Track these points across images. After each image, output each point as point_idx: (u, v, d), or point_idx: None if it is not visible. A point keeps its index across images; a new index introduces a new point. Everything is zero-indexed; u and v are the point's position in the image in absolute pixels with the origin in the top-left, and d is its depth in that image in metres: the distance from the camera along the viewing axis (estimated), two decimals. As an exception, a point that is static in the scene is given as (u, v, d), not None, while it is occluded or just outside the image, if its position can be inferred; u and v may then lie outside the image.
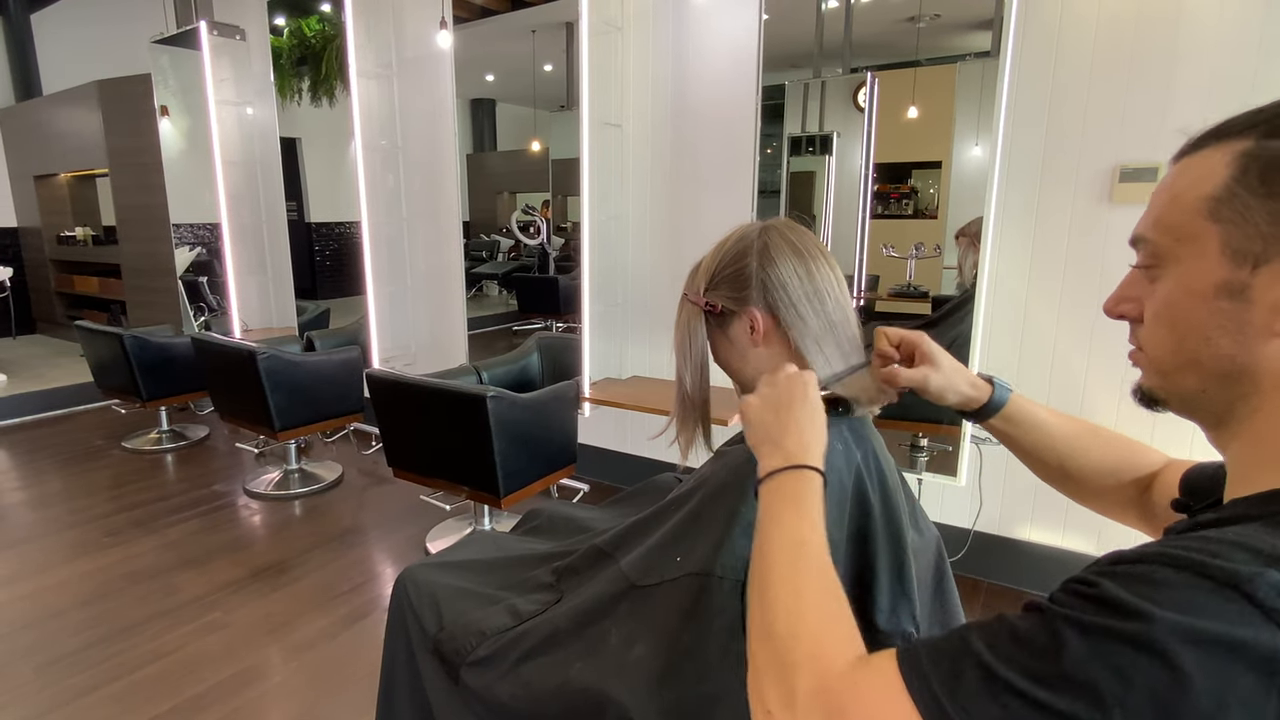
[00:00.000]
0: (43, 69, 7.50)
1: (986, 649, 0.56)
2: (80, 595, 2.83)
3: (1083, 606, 0.53)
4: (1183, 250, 0.63)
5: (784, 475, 0.82)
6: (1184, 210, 0.63)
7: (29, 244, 7.73)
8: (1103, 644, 0.50)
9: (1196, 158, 0.64)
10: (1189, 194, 0.63)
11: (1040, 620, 0.55)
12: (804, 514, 0.78)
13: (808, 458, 0.83)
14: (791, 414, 0.88)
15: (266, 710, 2.21)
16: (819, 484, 0.82)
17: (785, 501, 0.80)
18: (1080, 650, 0.51)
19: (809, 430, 0.87)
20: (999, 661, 0.54)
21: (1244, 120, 0.62)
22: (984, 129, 2.53)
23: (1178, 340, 0.64)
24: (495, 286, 4.87)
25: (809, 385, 0.91)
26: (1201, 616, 0.49)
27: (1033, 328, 2.65)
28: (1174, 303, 0.64)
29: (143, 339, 4.29)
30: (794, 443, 0.85)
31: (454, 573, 1.40)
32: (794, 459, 0.83)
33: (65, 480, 4.09)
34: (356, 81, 3.96)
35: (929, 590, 1.18)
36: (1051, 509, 2.74)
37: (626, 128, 3.38)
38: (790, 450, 0.84)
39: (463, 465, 2.79)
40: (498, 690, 1.15)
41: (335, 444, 4.67)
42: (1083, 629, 0.52)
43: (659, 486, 1.63)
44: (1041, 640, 0.53)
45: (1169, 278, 0.65)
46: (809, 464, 0.83)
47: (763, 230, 1.10)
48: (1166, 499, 0.91)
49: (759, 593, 0.74)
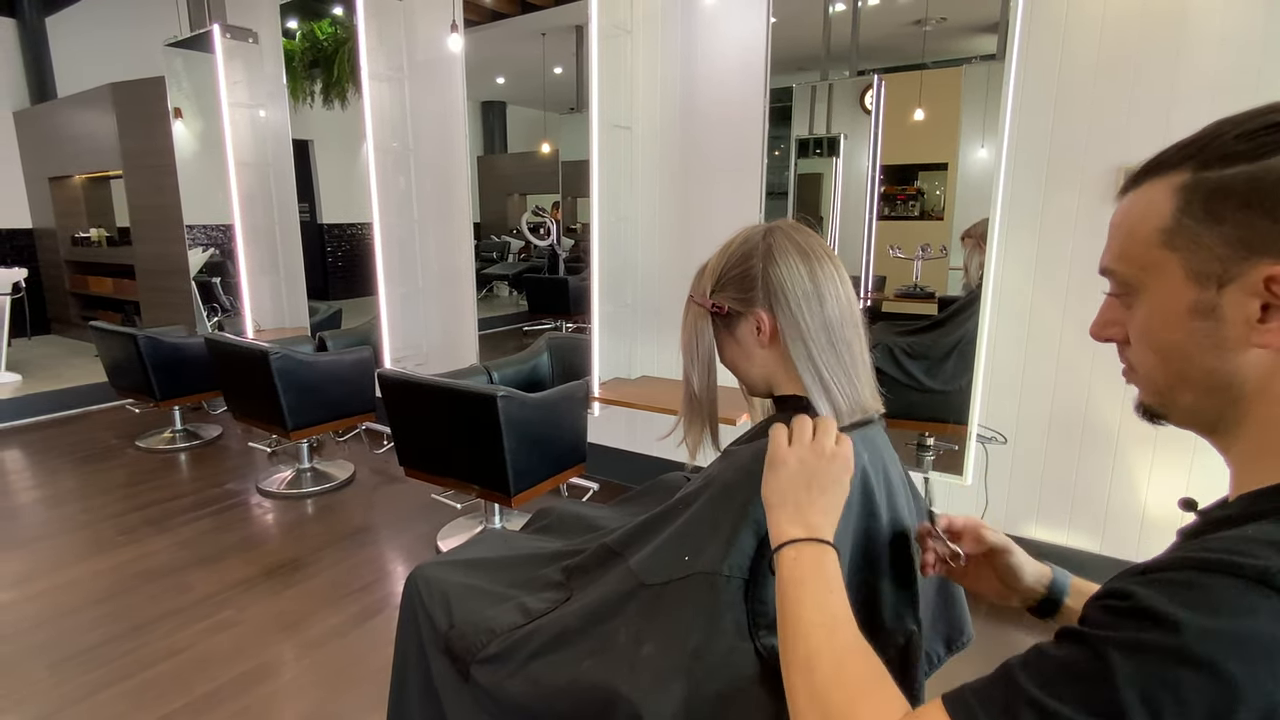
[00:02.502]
0: (57, 72, 7.56)
1: (1036, 687, 0.56)
2: (94, 593, 2.86)
3: (1120, 624, 0.54)
4: (1149, 279, 0.66)
5: (807, 546, 0.86)
6: (1141, 243, 0.66)
7: (44, 245, 7.79)
8: (1148, 662, 0.51)
9: (1140, 192, 0.67)
10: (1141, 227, 0.66)
11: (1081, 647, 0.55)
12: (833, 588, 0.82)
13: (827, 534, 0.87)
14: (826, 495, 0.90)
15: (278, 707, 2.23)
16: (835, 558, 0.85)
17: (814, 574, 0.83)
18: (1128, 671, 0.51)
19: (834, 512, 0.90)
20: (1050, 698, 0.54)
21: (1176, 154, 0.65)
22: (990, 131, 2.54)
23: (1163, 361, 0.67)
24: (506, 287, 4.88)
25: (849, 470, 0.93)
26: (1238, 617, 0.49)
27: (1038, 328, 2.65)
28: (1152, 328, 0.67)
29: (156, 339, 4.32)
30: (819, 519, 0.88)
31: (465, 571, 1.41)
32: (816, 533, 0.86)
33: (79, 479, 4.13)
34: (368, 84, 3.98)
35: (933, 588, 1.19)
36: (1056, 508, 2.75)
37: (636, 130, 3.40)
38: (814, 524, 0.87)
39: (473, 464, 2.80)
40: (508, 687, 1.16)
41: (347, 443, 4.69)
42: (1126, 649, 0.52)
43: (667, 485, 1.63)
44: (1088, 668, 0.54)
45: (1143, 305, 0.68)
46: (828, 540, 0.86)
47: (768, 232, 1.10)
48: None
49: (803, 667, 0.76)
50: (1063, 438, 2.67)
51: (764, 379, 1.14)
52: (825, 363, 1.06)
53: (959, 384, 2.69)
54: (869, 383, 1.12)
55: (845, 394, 1.07)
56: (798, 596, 0.81)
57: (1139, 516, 2.60)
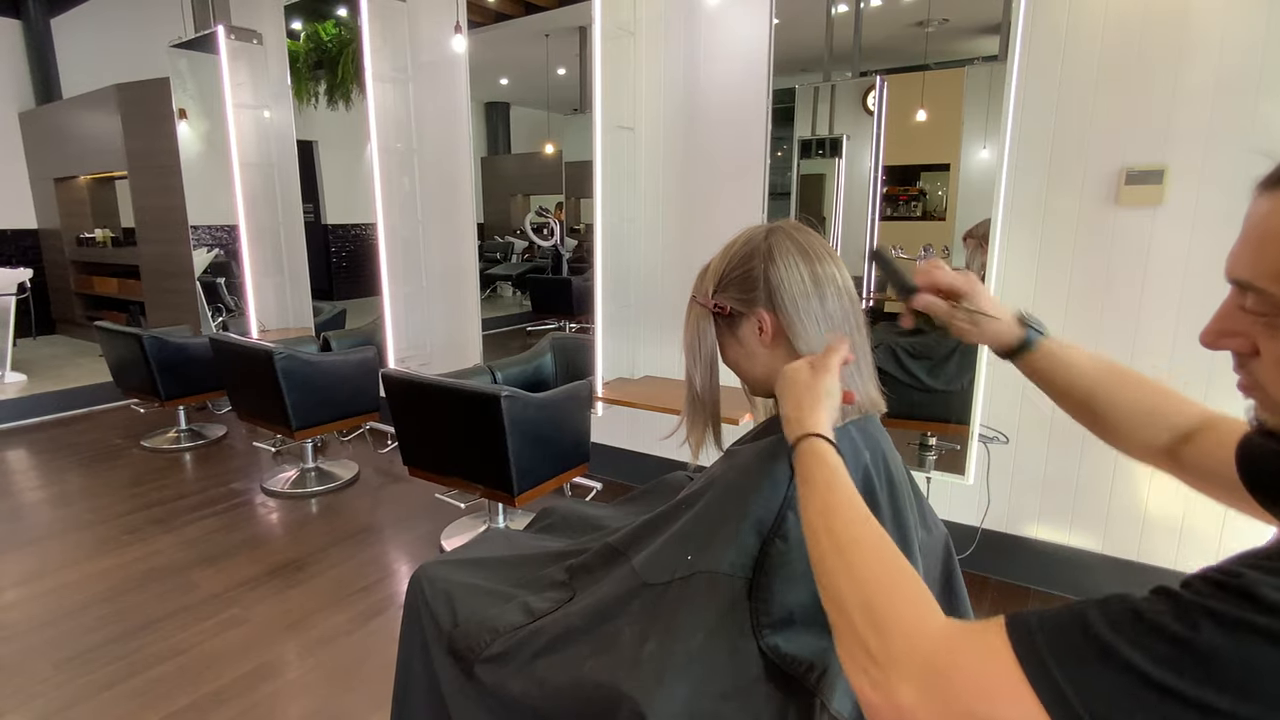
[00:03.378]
0: (62, 73, 7.57)
1: (1107, 627, 0.54)
2: (99, 592, 2.87)
3: (1223, 598, 0.52)
4: None
5: (815, 442, 0.90)
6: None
7: (49, 245, 7.81)
8: (1243, 638, 0.49)
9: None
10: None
11: (1173, 606, 0.54)
12: (845, 479, 0.85)
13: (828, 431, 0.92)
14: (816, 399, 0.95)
15: (283, 705, 2.24)
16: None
17: (825, 467, 0.86)
18: (1216, 641, 0.50)
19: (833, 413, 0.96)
20: (1120, 640, 0.53)
21: None
22: (992, 132, 2.55)
23: None
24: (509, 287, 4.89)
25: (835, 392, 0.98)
26: None
27: (1041, 329, 2.65)
28: None
29: (161, 339, 4.34)
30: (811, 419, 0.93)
31: (468, 570, 1.42)
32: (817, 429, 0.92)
33: (85, 479, 4.14)
34: (372, 85, 3.99)
35: (937, 587, 1.20)
36: (1058, 508, 2.75)
37: (639, 131, 3.40)
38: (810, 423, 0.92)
39: (477, 464, 2.81)
40: (511, 686, 1.17)
41: (351, 443, 4.71)
42: (1222, 621, 0.51)
43: (670, 485, 1.63)
44: (1173, 627, 0.52)
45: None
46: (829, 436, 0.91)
47: (769, 232, 1.11)
48: (1209, 460, 0.91)
49: (837, 557, 0.75)
50: (1064, 438, 2.67)
51: (766, 379, 1.15)
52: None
53: (961, 384, 2.69)
54: (871, 382, 1.12)
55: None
56: (829, 482, 0.84)
57: (1140, 516, 2.60)
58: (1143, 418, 1.01)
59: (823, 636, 0.98)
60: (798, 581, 1.00)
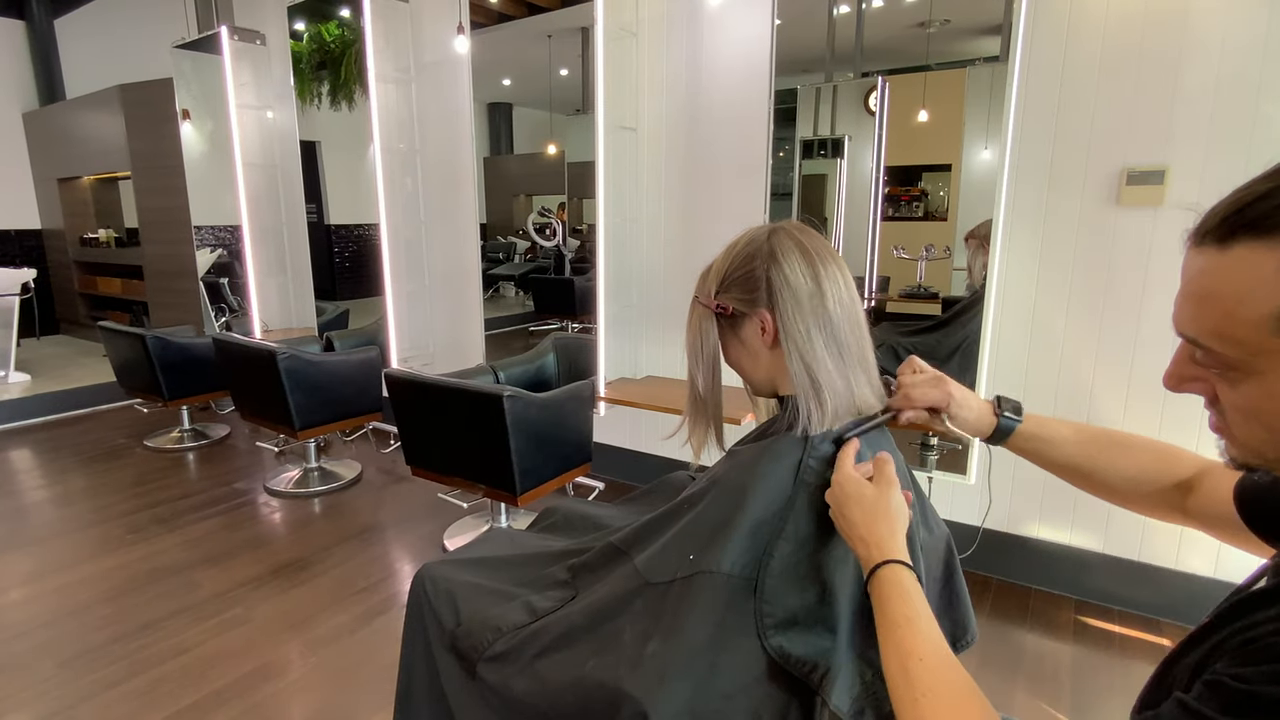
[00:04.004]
0: (66, 73, 7.59)
1: None
2: (103, 591, 2.88)
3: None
4: (1262, 363, 0.59)
5: (895, 570, 0.90)
6: (1249, 327, 0.58)
7: (52, 246, 7.83)
8: None
9: (1233, 258, 0.58)
10: (1246, 311, 0.57)
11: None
12: (925, 614, 0.86)
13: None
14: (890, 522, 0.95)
15: (286, 705, 2.24)
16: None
17: (906, 601, 0.87)
18: None
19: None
20: None
21: (1276, 211, 0.56)
22: (993, 132, 2.55)
23: (1277, 439, 0.62)
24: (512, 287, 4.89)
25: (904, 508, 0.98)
26: None
27: (1041, 329, 2.66)
28: (1265, 409, 0.61)
29: (165, 339, 4.35)
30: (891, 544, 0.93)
31: (471, 569, 1.42)
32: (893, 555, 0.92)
33: (88, 478, 4.16)
34: (375, 86, 4.00)
35: (939, 586, 1.20)
36: (1059, 507, 2.75)
37: (641, 131, 3.41)
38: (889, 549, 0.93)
39: (480, 464, 2.82)
40: (514, 685, 1.17)
41: (354, 443, 4.72)
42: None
43: (673, 485, 1.63)
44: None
45: (1251, 384, 0.61)
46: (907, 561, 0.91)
47: (771, 233, 1.11)
48: (1213, 506, 0.92)
49: (911, 708, 0.79)
50: (1067, 438, 2.67)
51: (768, 379, 1.15)
52: (821, 364, 1.06)
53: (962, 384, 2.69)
54: (873, 382, 1.12)
55: (839, 395, 1.07)
56: (909, 619, 0.85)
57: (1141, 517, 2.60)
58: (1137, 480, 1.03)
59: (826, 636, 0.98)
60: (801, 583, 1.00)
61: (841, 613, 0.99)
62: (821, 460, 1.05)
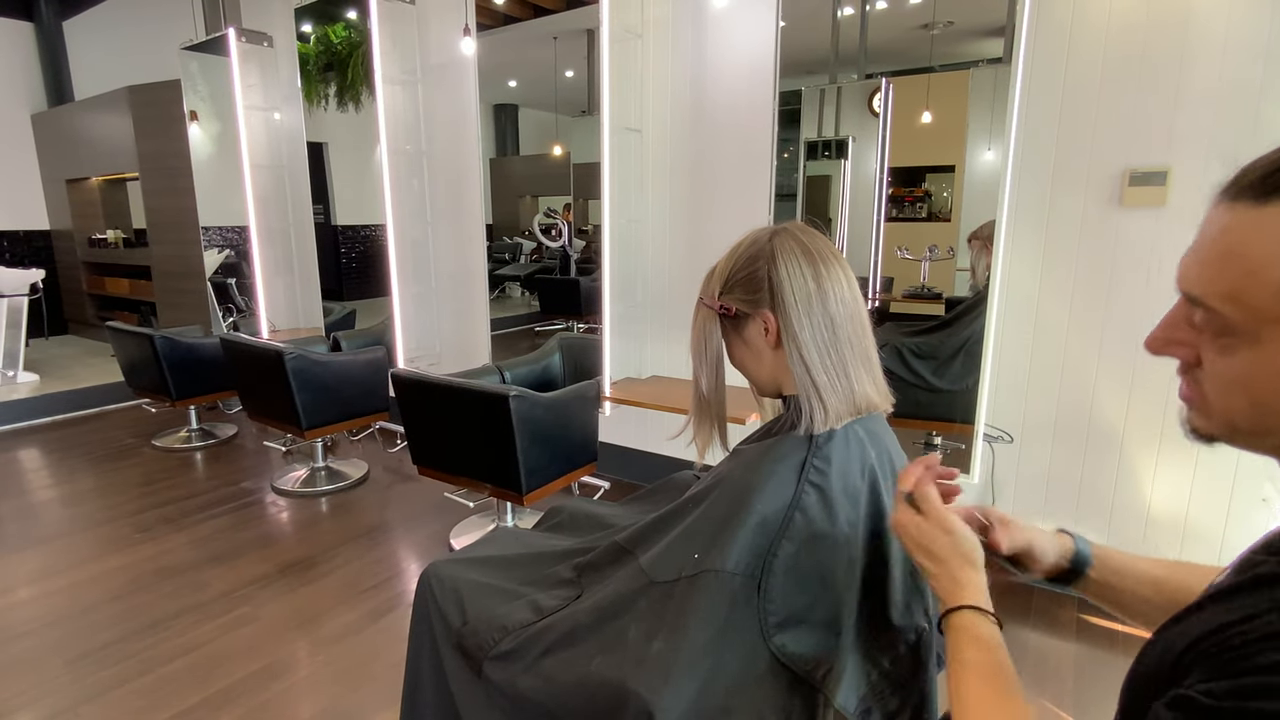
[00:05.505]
0: (74, 75, 7.63)
1: None
2: (111, 590, 2.89)
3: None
4: (1266, 332, 0.56)
5: (972, 617, 0.88)
6: (1268, 291, 0.54)
7: (61, 246, 7.87)
8: None
9: (1268, 217, 0.55)
10: (1271, 274, 0.54)
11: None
12: (1004, 665, 0.85)
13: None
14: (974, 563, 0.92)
15: (294, 703, 2.25)
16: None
17: (983, 650, 0.86)
18: None
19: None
20: None
21: None
22: (996, 133, 2.55)
23: (1259, 412, 0.59)
24: (518, 288, 4.91)
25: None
26: None
27: (1044, 329, 2.66)
28: (1256, 380, 0.58)
29: (172, 339, 4.36)
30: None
31: (477, 568, 1.42)
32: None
33: (97, 478, 4.17)
34: (382, 87, 4.02)
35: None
36: (1062, 506, 2.75)
37: (646, 133, 3.42)
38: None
39: (486, 463, 2.83)
40: (520, 684, 1.18)
41: (361, 442, 4.73)
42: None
43: (677, 484, 1.64)
44: None
45: (1247, 353, 0.58)
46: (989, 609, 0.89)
47: (775, 234, 1.11)
48: None
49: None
50: (1068, 437, 2.68)
51: (772, 379, 1.15)
52: (822, 364, 1.06)
53: (966, 384, 2.70)
54: (877, 382, 1.12)
55: (841, 395, 1.07)
56: (985, 670, 0.84)
57: (1144, 515, 2.61)
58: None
59: (829, 635, 0.99)
60: (804, 582, 1.01)
61: (845, 612, 1.00)
62: (825, 460, 1.06)
